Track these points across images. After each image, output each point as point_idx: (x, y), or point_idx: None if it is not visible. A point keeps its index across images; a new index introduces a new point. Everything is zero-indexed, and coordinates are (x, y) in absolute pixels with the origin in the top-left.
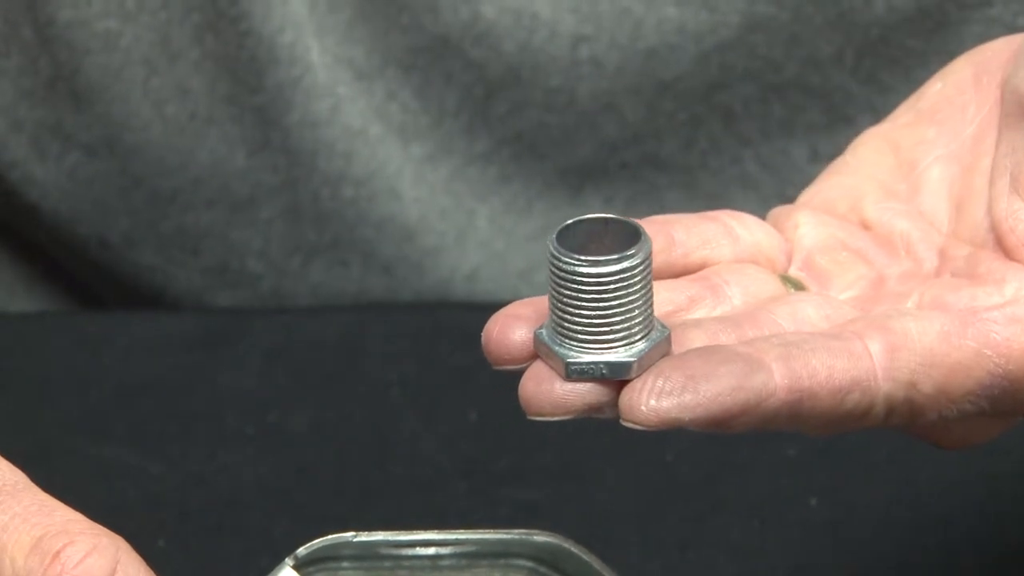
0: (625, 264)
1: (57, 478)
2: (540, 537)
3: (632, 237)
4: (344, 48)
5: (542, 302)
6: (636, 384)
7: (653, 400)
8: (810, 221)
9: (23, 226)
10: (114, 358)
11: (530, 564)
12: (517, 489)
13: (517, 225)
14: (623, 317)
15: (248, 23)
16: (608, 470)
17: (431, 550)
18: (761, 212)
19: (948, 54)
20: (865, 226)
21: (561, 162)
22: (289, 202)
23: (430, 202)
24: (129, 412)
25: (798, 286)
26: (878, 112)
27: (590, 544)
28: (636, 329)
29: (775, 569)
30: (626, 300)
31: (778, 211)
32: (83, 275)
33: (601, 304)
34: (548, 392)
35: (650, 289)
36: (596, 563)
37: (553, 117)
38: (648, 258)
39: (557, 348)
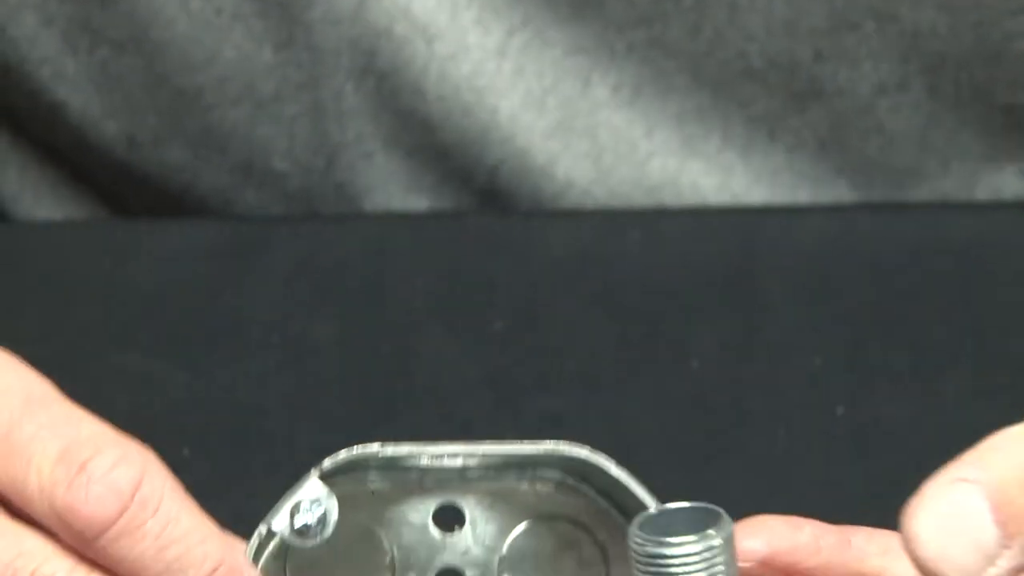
0: (705, 544)
1: (82, 387)
2: (568, 449)
3: (712, 519)
4: None
5: None
6: None
7: None
8: None
9: (50, 129)
10: (139, 267)
11: (558, 476)
12: (542, 399)
13: (542, 118)
14: None
15: None
16: (633, 380)
17: (458, 461)
18: None
19: None
20: None
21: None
22: (313, 100)
23: (454, 99)
24: (154, 321)
25: None
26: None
27: (614, 454)
28: None
29: (800, 479)
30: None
31: None
32: (109, 180)
33: None
34: None
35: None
36: (624, 476)
37: None
38: (730, 539)
39: None
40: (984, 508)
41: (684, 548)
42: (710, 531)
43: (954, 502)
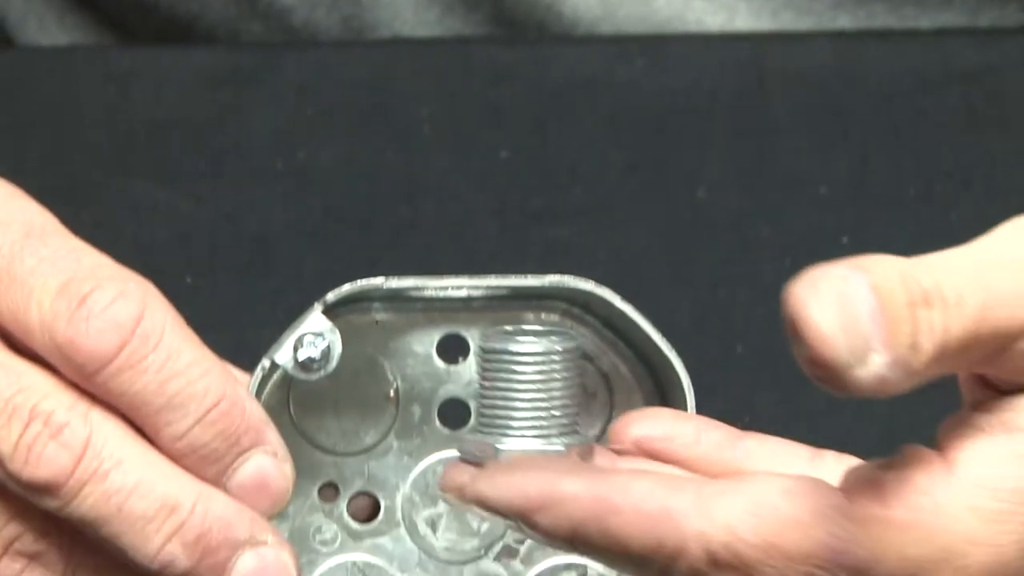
0: (546, 346)
1: (85, 215)
2: (573, 282)
3: (560, 335)
4: None
5: None
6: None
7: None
8: None
9: None
10: (144, 93)
11: (563, 306)
12: (548, 228)
13: None
14: (531, 403)
15: None
16: (640, 208)
17: (463, 292)
18: None
19: None
20: None
21: None
22: None
23: None
24: (158, 148)
25: None
26: None
27: (621, 282)
28: (552, 423)
29: None
30: (546, 385)
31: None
32: (115, 6)
33: (526, 385)
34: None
35: (570, 389)
36: (628, 308)
37: None
38: (565, 356)
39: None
40: (870, 303)
41: (526, 347)
42: (553, 337)
43: (843, 292)
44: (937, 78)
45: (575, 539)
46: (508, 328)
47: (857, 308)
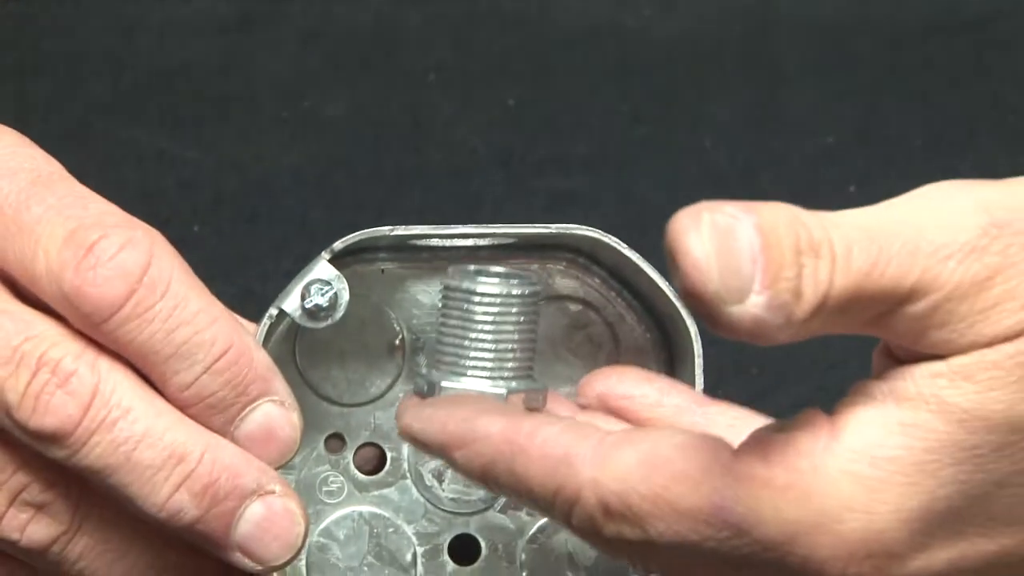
0: (505, 289)
1: (91, 162)
2: (579, 230)
3: (524, 280)
4: None
5: None
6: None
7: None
8: None
9: None
10: (148, 40)
11: (568, 255)
12: (554, 178)
13: None
14: (488, 344)
15: None
16: (646, 159)
17: (469, 241)
18: None
19: None
20: None
21: None
22: None
23: None
24: (163, 96)
25: None
26: None
27: (628, 232)
28: (502, 365)
29: None
30: (498, 327)
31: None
32: None
33: (479, 325)
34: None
35: (526, 335)
36: (634, 255)
37: None
38: (523, 300)
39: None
40: (752, 242)
41: (481, 287)
42: (513, 281)
43: (727, 227)
44: (945, 25)
45: (486, 478)
46: (471, 267)
47: (738, 245)
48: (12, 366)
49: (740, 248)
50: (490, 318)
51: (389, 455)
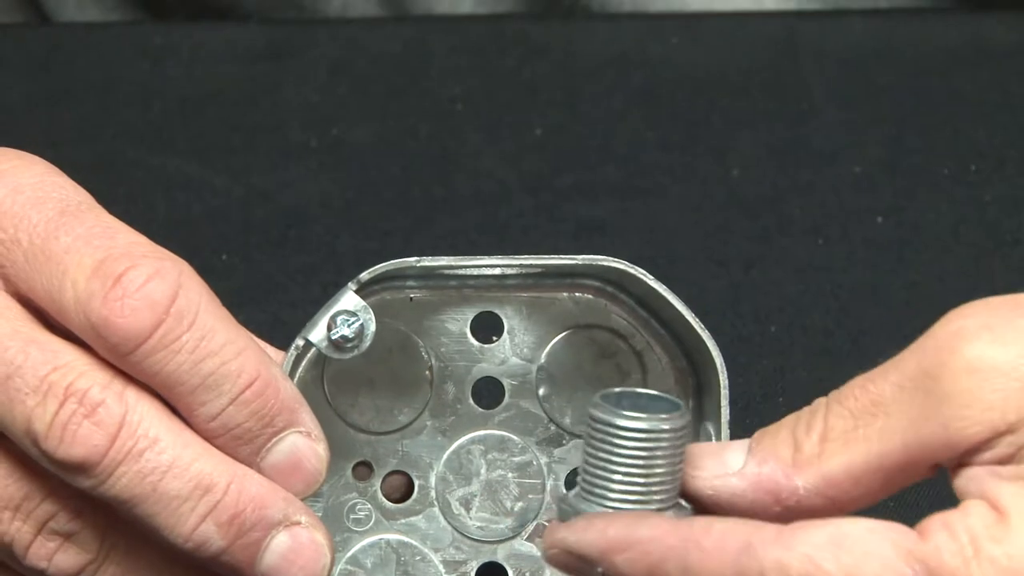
0: (652, 424)
1: (120, 190)
2: (606, 260)
3: (672, 408)
4: None
5: None
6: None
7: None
8: None
9: None
10: (178, 69)
11: (596, 283)
12: (582, 206)
13: None
14: (643, 477)
15: None
16: (673, 186)
17: (497, 270)
18: None
19: None
20: None
21: None
22: None
23: None
24: (193, 124)
25: None
26: None
27: (654, 261)
28: (650, 494)
29: (839, 287)
30: (647, 461)
31: None
32: None
33: (627, 459)
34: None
35: (674, 464)
36: (662, 287)
37: None
38: (680, 430)
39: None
40: None
41: (631, 423)
42: (662, 415)
43: None
44: (971, 56)
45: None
46: (616, 391)
47: None
48: (40, 396)
49: None
50: (640, 453)
51: (417, 483)
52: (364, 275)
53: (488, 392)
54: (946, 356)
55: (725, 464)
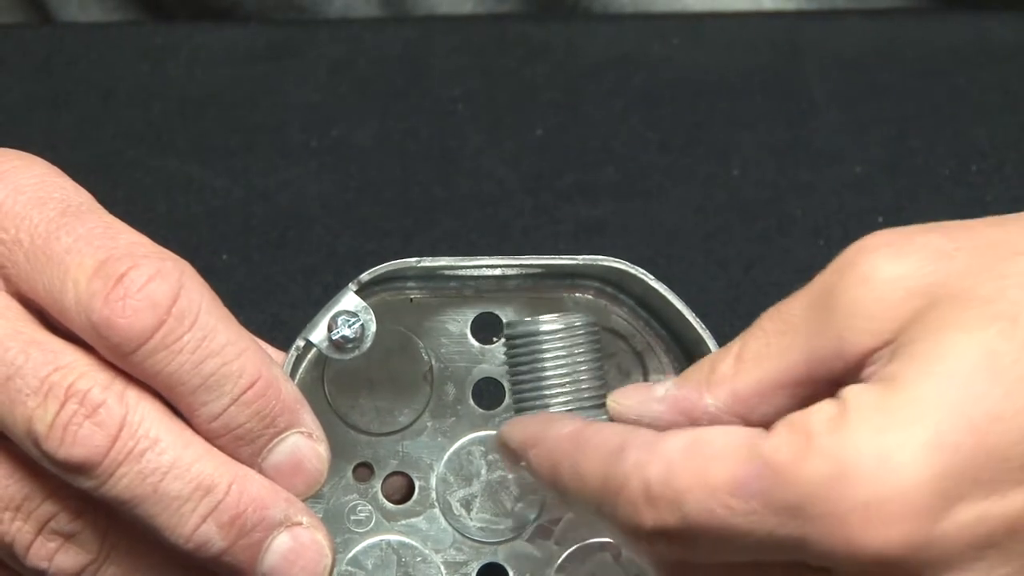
0: (549, 327)
1: (120, 191)
2: (607, 261)
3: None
4: None
5: None
6: None
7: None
8: None
9: None
10: (178, 70)
11: (596, 284)
12: (582, 206)
13: None
14: (553, 378)
15: None
16: (673, 187)
17: (497, 271)
18: None
19: None
20: None
21: None
22: None
23: None
24: (193, 125)
25: None
26: None
27: (655, 261)
28: (580, 393)
29: None
30: (570, 358)
31: None
32: None
33: (553, 358)
34: None
35: (595, 363)
36: (660, 286)
37: None
38: (592, 327)
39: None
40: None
41: (547, 325)
42: (571, 316)
43: None
44: (973, 57)
45: (555, 478)
46: (527, 318)
47: None
48: (40, 396)
49: None
50: (564, 351)
51: (417, 484)
52: (364, 276)
53: (489, 393)
54: (845, 270)
55: (651, 392)
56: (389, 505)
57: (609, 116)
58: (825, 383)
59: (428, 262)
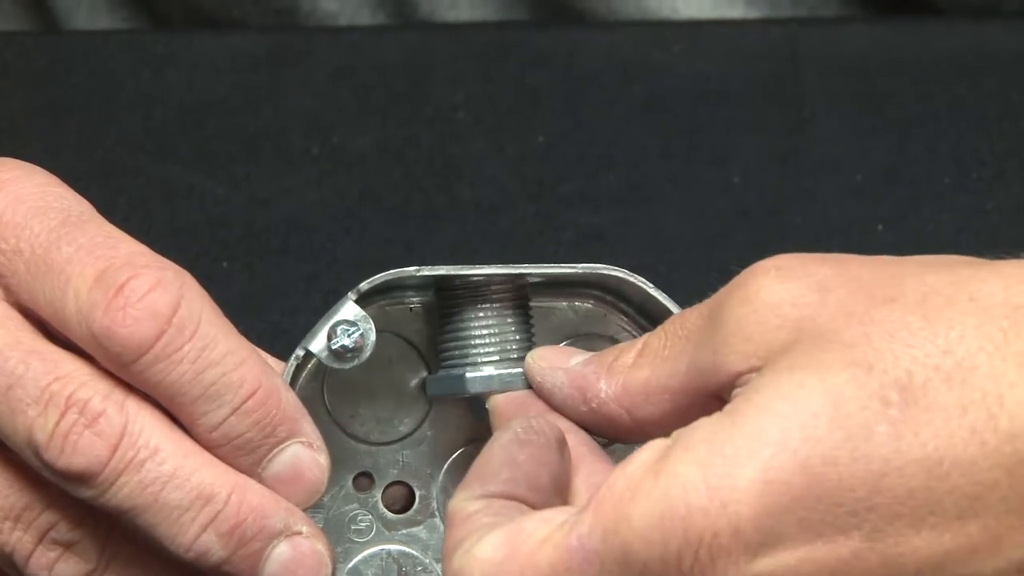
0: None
1: (121, 199)
2: (606, 269)
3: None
4: None
5: None
6: None
7: None
8: None
9: None
10: (179, 78)
11: (596, 292)
12: (583, 213)
13: None
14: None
15: None
16: (674, 194)
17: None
18: None
19: None
20: None
21: None
22: None
23: None
24: (193, 133)
25: None
26: None
27: (655, 269)
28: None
29: None
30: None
31: None
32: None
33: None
34: None
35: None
36: (659, 294)
37: None
38: (516, 279)
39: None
40: None
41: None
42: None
43: None
44: (973, 64)
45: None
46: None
47: None
48: (41, 406)
49: None
50: (488, 304)
51: (418, 493)
52: (364, 285)
53: None
54: (735, 288)
55: (565, 358)
56: (389, 515)
57: (610, 123)
58: (705, 396)
59: (428, 271)
